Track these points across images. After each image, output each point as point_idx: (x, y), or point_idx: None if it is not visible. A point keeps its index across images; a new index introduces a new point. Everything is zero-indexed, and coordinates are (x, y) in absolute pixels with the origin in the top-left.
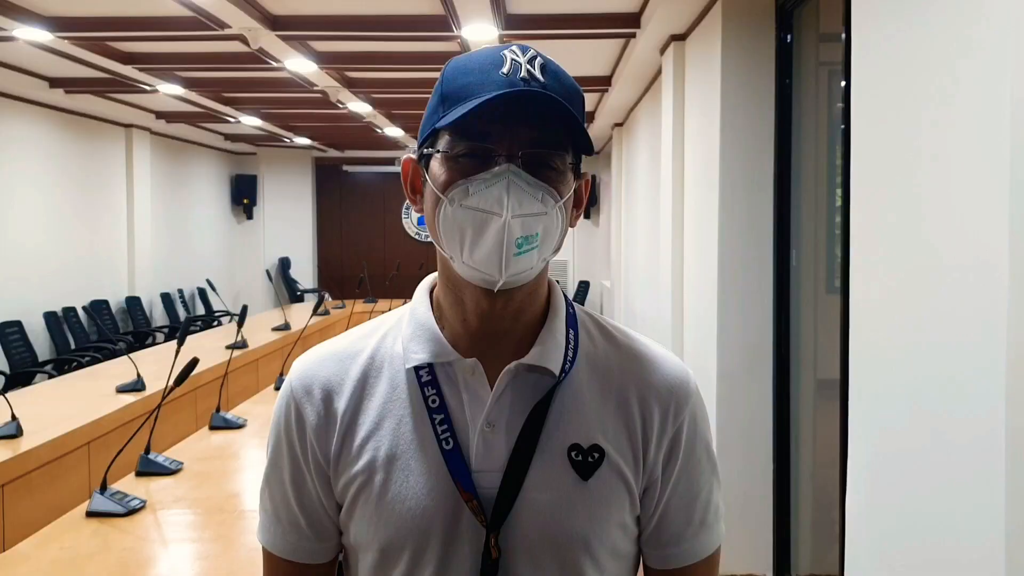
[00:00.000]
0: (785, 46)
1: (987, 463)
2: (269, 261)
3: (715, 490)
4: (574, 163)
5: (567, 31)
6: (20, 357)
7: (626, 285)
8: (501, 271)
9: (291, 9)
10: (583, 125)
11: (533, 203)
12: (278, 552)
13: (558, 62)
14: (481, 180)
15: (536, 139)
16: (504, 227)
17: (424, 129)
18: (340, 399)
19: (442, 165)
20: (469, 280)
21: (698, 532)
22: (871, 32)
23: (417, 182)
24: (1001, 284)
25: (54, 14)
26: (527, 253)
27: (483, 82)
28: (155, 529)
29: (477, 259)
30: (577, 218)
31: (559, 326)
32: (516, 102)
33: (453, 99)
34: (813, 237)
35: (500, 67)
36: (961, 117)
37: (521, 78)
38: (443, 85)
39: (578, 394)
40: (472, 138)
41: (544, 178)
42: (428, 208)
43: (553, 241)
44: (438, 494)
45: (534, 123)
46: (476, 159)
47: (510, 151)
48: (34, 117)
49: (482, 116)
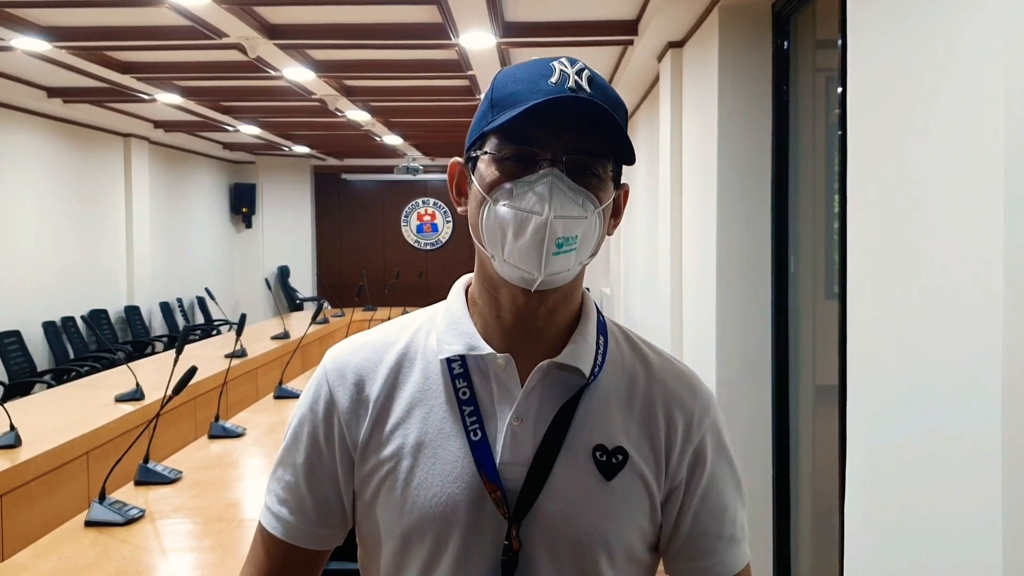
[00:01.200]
0: (782, 53)
1: (984, 468)
2: (268, 270)
3: (740, 508)
4: (615, 172)
5: (565, 39)
6: (19, 367)
7: (625, 292)
8: (540, 268)
9: (289, 18)
10: (626, 134)
11: (574, 207)
12: (278, 533)
13: None
14: (525, 182)
15: (580, 146)
16: (546, 225)
17: (472, 133)
18: (373, 386)
19: (488, 167)
20: (507, 279)
21: (728, 547)
22: (867, 38)
23: (463, 184)
24: (997, 290)
25: (52, 24)
26: (565, 254)
27: (531, 90)
28: (154, 538)
29: (517, 256)
30: (615, 227)
31: (591, 330)
32: (562, 109)
33: (501, 105)
34: (811, 243)
35: (549, 77)
36: (956, 122)
37: (568, 87)
38: (493, 92)
39: (605, 397)
40: (518, 142)
41: (585, 184)
42: (472, 208)
43: (590, 246)
44: (463, 483)
45: (578, 130)
46: (521, 162)
47: (554, 155)
48: (32, 127)
49: (529, 121)
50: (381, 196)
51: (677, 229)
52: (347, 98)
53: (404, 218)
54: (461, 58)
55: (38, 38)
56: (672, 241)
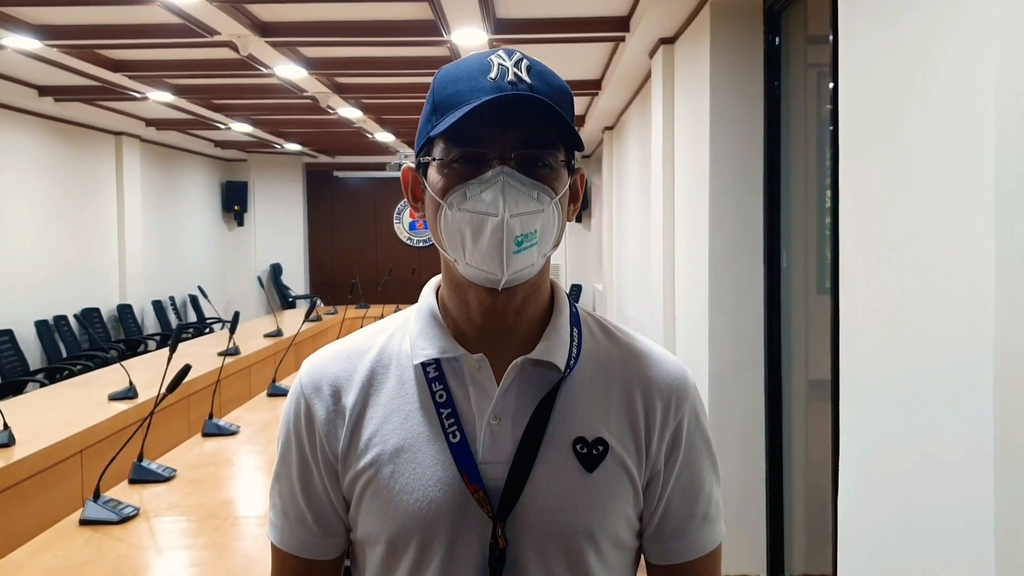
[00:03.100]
0: (773, 48)
1: (976, 460)
2: (260, 267)
3: (715, 487)
4: (567, 160)
5: (556, 35)
6: (11, 366)
7: (618, 288)
8: (503, 269)
9: (280, 15)
10: (571, 123)
11: (529, 202)
12: (285, 547)
13: (548, 66)
14: (477, 183)
15: (527, 139)
16: (502, 225)
17: (420, 139)
18: (348, 395)
19: (439, 172)
20: (473, 280)
21: (701, 526)
22: (859, 34)
23: (417, 190)
24: (987, 281)
25: (43, 22)
26: (527, 250)
27: (471, 88)
28: (149, 536)
29: (479, 259)
30: (574, 212)
31: (563, 323)
32: (504, 106)
33: (444, 107)
34: (803, 238)
35: (487, 73)
36: (947, 117)
37: (508, 82)
38: (434, 95)
39: (582, 389)
40: (465, 144)
41: (538, 176)
42: (429, 214)
43: (551, 237)
44: (445, 486)
45: (524, 124)
46: (471, 164)
47: (502, 153)
48: (24, 126)
49: (473, 122)
50: (373, 193)
51: (669, 225)
52: (339, 95)
53: (396, 215)
54: (453, 55)
55: (29, 36)
56: (664, 237)
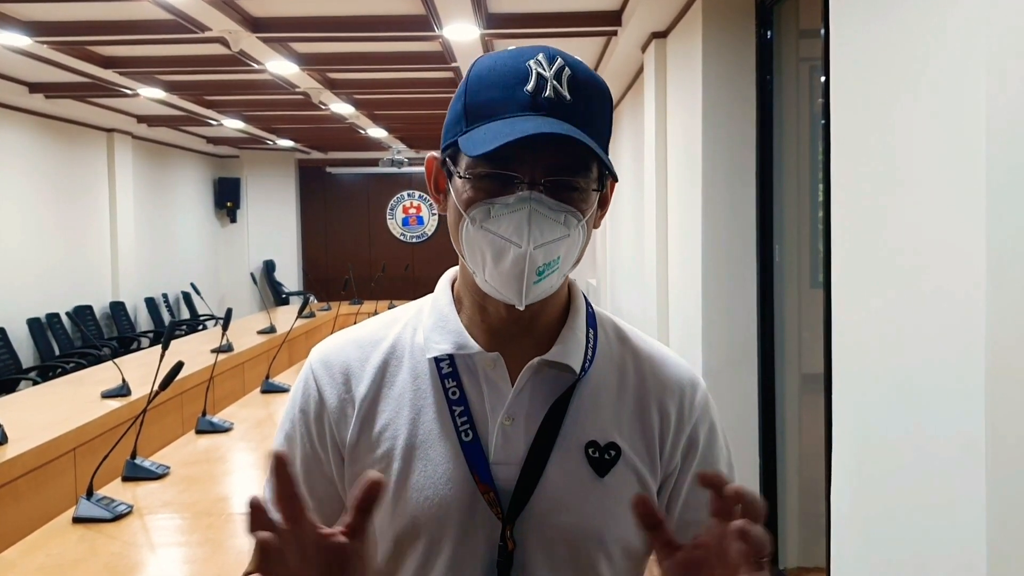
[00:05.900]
0: (766, 42)
1: (968, 453)
2: (254, 264)
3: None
4: (599, 177)
5: (548, 29)
6: (4, 364)
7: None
8: (522, 298)
9: (272, 11)
10: (607, 159)
11: (555, 228)
12: None
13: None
14: (503, 204)
15: (559, 166)
16: (525, 257)
17: (446, 135)
18: (360, 384)
19: (465, 183)
20: (491, 295)
21: None
22: (850, 28)
23: (441, 181)
24: (979, 275)
25: (33, 19)
26: (548, 277)
27: (506, 101)
28: (142, 534)
29: (498, 283)
30: (602, 217)
31: (580, 324)
32: (539, 139)
33: (475, 115)
34: (796, 232)
35: (525, 83)
36: (938, 110)
37: (546, 98)
38: (467, 95)
39: (596, 392)
40: (494, 162)
41: (567, 199)
42: (451, 219)
43: (574, 256)
44: (455, 485)
45: (556, 149)
46: (498, 181)
47: (532, 178)
48: (14, 123)
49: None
50: (366, 189)
51: (662, 219)
52: (331, 91)
53: (390, 211)
54: (445, 50)
55: (19, 33)
56: (658, 231)
